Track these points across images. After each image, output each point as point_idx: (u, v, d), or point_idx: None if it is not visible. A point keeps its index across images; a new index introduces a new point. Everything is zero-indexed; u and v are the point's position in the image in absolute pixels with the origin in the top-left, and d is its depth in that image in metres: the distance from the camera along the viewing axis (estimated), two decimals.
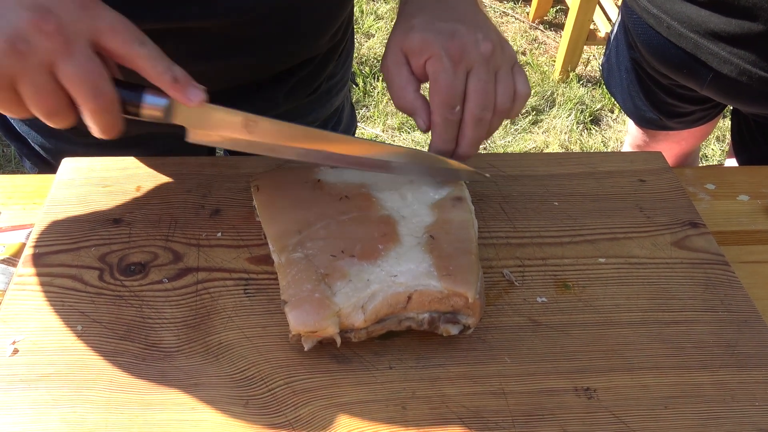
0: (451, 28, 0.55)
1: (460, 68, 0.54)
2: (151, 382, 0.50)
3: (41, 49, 0.43)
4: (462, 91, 0.55)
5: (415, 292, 0.51)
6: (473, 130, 0.56)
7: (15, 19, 0.43)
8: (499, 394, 0.50)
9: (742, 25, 0.91)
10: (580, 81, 2.42)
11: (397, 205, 0.58)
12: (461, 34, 0.55)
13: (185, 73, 0.49)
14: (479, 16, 0.59)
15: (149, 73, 0.48)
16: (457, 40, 0.54)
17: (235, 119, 0.53)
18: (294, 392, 0.50)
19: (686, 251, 0.62)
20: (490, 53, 0.55)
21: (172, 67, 0.48)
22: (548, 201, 0.67)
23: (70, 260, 0.58)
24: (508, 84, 0.57)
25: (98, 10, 0.46)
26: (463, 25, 0.56)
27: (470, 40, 0.55)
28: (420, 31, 0.56)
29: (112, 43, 0.46)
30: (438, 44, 0.54)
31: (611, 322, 0.56)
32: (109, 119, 0.47)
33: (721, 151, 2.19)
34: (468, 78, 0.55)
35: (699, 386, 0.52)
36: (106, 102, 0.46)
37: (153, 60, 0.47)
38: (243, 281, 0.57)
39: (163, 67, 0.48)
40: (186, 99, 0.49)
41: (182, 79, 0.48)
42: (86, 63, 0.45)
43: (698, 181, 0.75)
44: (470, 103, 0.55)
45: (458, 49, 0.54)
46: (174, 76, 0.48)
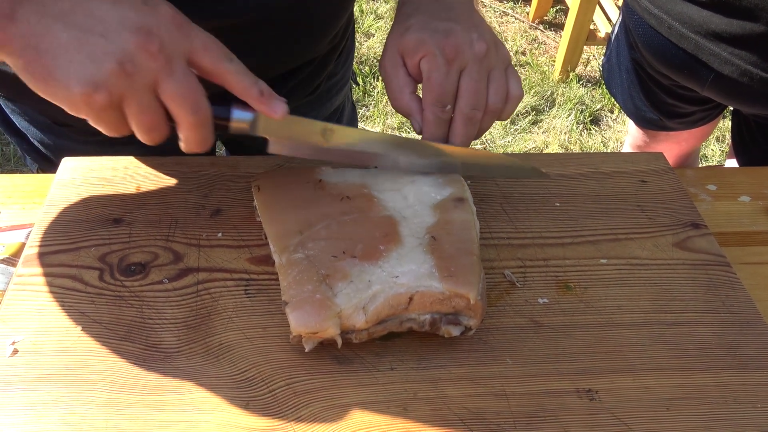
0: (447, 28, 0.56)
1: (454, 67, 0.55)
2: (151, 383, 0.49)
3: (147, 69, 0.46)
4: (454, 90, 0.56)
5: (417, 293, 0.50)
6: (463, 128, 0.57)
7: (121, 41, 0.45)
8: (500, 396, 0.50)
9: (743, 26, 0.91)
10: (580, 81, 2.42)
11: (399, 206, 0.58)
12: (456, 33, 0.55)
13: (269, 88, 0.51)
14: (475, 16, 0.59)
15: (237, 88, 0.50)
16: (452, 39, 0.55)
17: (314, 128, 0.56)
18: (295, 393, 0.49)
19: (688, 252, 0.62)
20: (484, 53, 0.55)
21: (258, 82, 0.50)
22: (549, 201, 0.67)
23: (70, 260, 0.58)
24: (501, 85, 0.57)
25: (192, 30, 0.49)
26: (458, 25, 0.56)
27: (465, 40, 0.55)
28: (416, 31, 0.57)
29: (204, 60, 0.49)
30: (432, 43, 0.55)
31: (613, 323, 0.56)
32: (204, 133, 0.50)
33: (720, 151, 2.19)
34: (461, 77, 0.56)
35: (701, 388, 0.51)
36: (203, 117, 0.49)
37: (240, 75, 0.50)
38: (244, 282, 0.57)
39: (250, 82, 0.50)
40: (272, 112, 0.51)
41: (267, 93, 0.51)
42: (186, 81, 0.47)
43: (699, 181, 0.75)
44: (461, 101, 0.56)
45: (452, 48, 0.55)
46: (260, 90, 0.50)
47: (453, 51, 0.55)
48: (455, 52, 0.55)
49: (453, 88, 0.56)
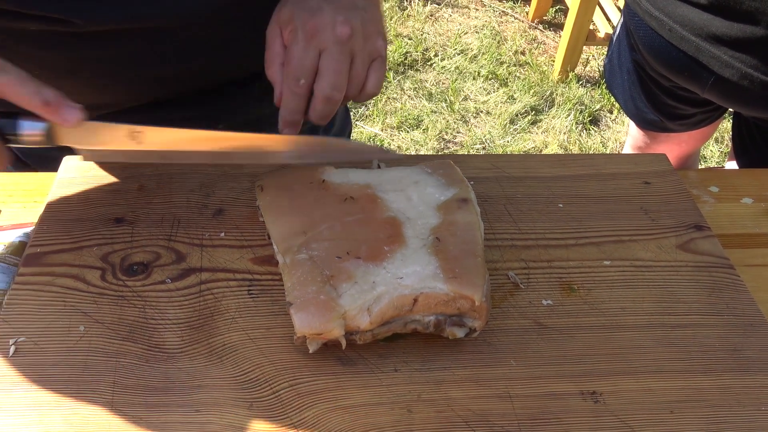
0: (317, 6, 0.56)
1: (312, 44, 0.55)
2: (154, 384, 0.49)
3: None
4: (310, 66, 0.55)
5: (421, 295, 0.50)
6: (322, 107, 0.56)
7: None
8: (504, 398, 0.50)
9: (743, 29, 0.91)
10: (580, 81, 2.42)
11: (403, 207, 0.57)
12: (322, 13, 0.55)
13: (57, 94, 0.48)
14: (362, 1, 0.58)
15: (17, 100, 0.47)
16: (316, 18, 0.55)
17: (119, 132, 0.53)
18: (299, 394, 0.49)
19: (691, 254, 0.62)
20: (345, 37, 0.55)
21: (41, 89, 0.47)
22: (553, 203, 0.67)
23: (72, 260, 0.57)
24: (360, 74, 0.57)
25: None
26: (330, 5, 0.56)
27: (328, 21, 0.55)
28: (290, 5, 0.57)
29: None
30: (298, 18, 0.55)
31: (617, 325, 0.56)
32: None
33: (719, 152, 2.20)
34: (321, 57, 0.55)
35: (704, 391, 0.51)
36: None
37: (17, 86, 0.46)
38: (247, 282, 0.57)
39: (31, 91, 0.46)
40: (62, 120, 0.48)
41: (54, 100, 0.47)
42: None
43: (702, 183, 0.75)
44: (322, 80, 0.56)
45: (314, 25, 0.55)
46: (44, 100, 0.47)
47: (313, 29, 0.55)
48: (315, 30, 0.55)
49: (310, 64, 0.55)
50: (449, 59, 2.49)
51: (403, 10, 2.72)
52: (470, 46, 2.55)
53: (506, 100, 2.32)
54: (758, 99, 0.97)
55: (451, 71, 2.43)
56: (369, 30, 0.57)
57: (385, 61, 0.59)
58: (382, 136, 2.16)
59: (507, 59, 2.50)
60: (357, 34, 0.56)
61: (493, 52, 2.51)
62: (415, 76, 2.40)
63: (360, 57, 0.56)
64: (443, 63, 2.46)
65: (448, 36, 2.61)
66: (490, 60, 2.48)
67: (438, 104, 2.28)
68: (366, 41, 0.57)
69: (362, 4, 0.58)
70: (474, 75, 2.42)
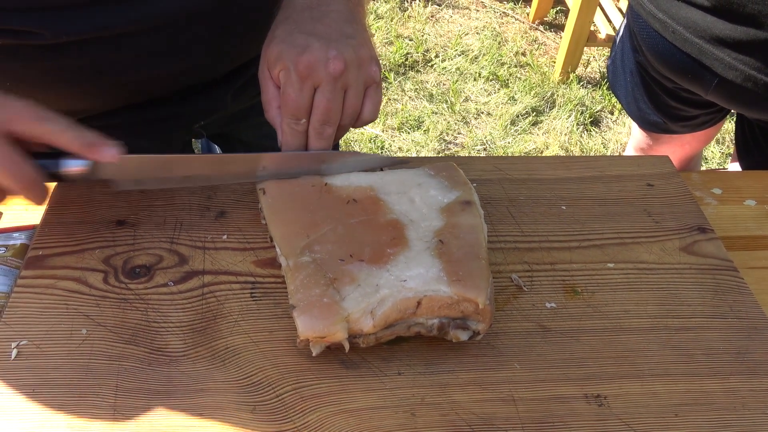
0: (305, 43, 0.55)
1: (307, 84, 0.55)
2: (157, 388, 0.49)
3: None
4: (306, 105, 0.56)
5: (425, 298, 0.50)
6: (316, 142, 0.58)
7: None
8: (509, 401, 0.50)
9: (747, 31, 0.91)
10: (581, 82, 2.42)
11: (405, 209, 0.57)
12: (312, 50, 0.55)
13: (96, 135, 0.53)
14: (349, 27, 0.58)
15: (64, 145, 0.52)
16: (307, 56, 0.55)
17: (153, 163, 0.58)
18: (302, 398, 0.49)
19: (695, 257, 0.62)
20: (339, 72, 0.55)
21: (83, 133, 0.52)
22: (556, 205, 0.66)
23: (74, 262, 0.57)
24: (354, 105, 0.57)
25: (2, 102, 0.51)
26: (318, 41, 0.55)
27: (320, 57, 0.54)
28: (277, 43, 0.57)
29: (20, 128, 0.51)
30: (288, 58, 0.55)
31: (621, 328, 0.55)
32: (34, 193, 0.53)
33: (721, 153, 2.19)
34: (315, 93, 0.56)
35: (709, 394, 0.51)
36: (25, 182, 0.52)
37: (63, 133, 0.52)
38: (249, 285, 0.57)
39: (75, 136, 0.52)
40: (103, 158, 0.52)
41: (94, 141, 0.52)
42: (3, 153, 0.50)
43: (705, 185, 0.74)
44: (313, 117, 0.57)
45: (305, 65, 0.54)
46: (86, 142, 0.52)
47: (306, 69, 0.54)
48: (308, 69, 0.54)
49: (306, 104, 0.56)
50: (450, 60, 2.48)
51: (403, 11, 2.72)
52: (471, 47, 2.55)
53: (507, 101, 2.32)
54: (761, 101, 0.97)
55: (451, 72, 2.43)
56: (363, 58, 0.56)
57: (380, 86, 0.59)
58: (383, 137, 2.15)
59: (508, 60, 2.50)
60: (351, 65, 0.55)
61: (494, 53, 2.51)
62: (416, 77, 2.40)
63: (354, 88, 0.57)
64: (444, 64, 2.46)
65: (449, 37, 2.61)
66: (490, 61, 2.48)
67: (439, 105, 2.28)
68: (360, 70, 0.56)
69: (350, 31, 0.58)
70: (475, 76, 2.42)
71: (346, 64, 0.55)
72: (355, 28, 0.58)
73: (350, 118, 0.58)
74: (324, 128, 0.57)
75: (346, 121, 0.58)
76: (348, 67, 0.55)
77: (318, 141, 0.58)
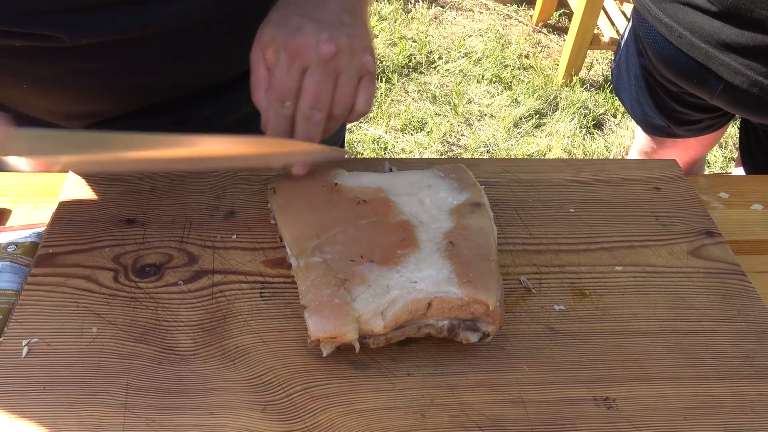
0: (298, 25, 0.54)
1: (294, 65, 0.53)
2: (167, 386, 0.49)
3: None
4: (293, 87, 0.54)
5: (435, 299, 0.50)
6: (303, 126, 0.55)
7: None
8: (518, 403, 0.50)
9: (754, 37, 0.91)
10: (584, 85, 2.42)
11: (415, 210, 0.57)
12: (304, 31, 0.54)
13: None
14: (347, 16, 0.56)
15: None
16: (298, 38, 0.53)
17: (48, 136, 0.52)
18: (312, 398, 0.49)
19: (702, 260, 0.62)
20: (329, 56, 0.53)
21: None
22: (564, 207, 0.66)
23: (84, 261, 0.57)
24: (346, 92, 0.55)
25: None
26: (312, 23, 0.54)
27: (311, 40, 0.53)
28: (272, 25, 0.55)
29: None
30: (280, 39, 0.54)
31: (629, 331, 0.56)
32: None
33: (723, 157, 2.20)
34: (304, 76, 0.54)
35: (718, 397, 0.51)
36: None
37: None
38: (259, 284, 0.57)
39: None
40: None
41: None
42: None
43: (711, 189, 0.75)
44: (301, 100, 0.54)
45: (295, 45, 0.53)
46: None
47: (295, 49, 0.53)
48: (297, 50, 0.53)
49: (293, 86, 0.54)
50: (453, 62, 2.49)
51: (407, 13, 2.72)
52: (474, 49, 2.55)
53: (510, 104, 2.32)
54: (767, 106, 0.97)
55: (455, 74, 2.43)
56: (356, 46, 0.55)
57: (375, 78, 0.57)
58: (386, 138, 2.16)
59: (511, 63, 2.51)
60: (343, 51, 0.54)
61: (498, 56, 2.51)
62: (419, 79, 2.40)
63: (346, 75, 0.55)
64: (447, 66, 2.47)
65: (453, 39, 2.61)
66: (494, 63, 2.48)
67: (442, 107, 2.28)
68: (352, 58, 0.55)
69: (348, 20, 0.56)
70: (478, 78, 2.42)
71: (339, 48, 0.53)
72: (353, 19, 0.57)
73: (342, 108, 0.56)
74: (313, 113, 0.54)
75: (338, 110, 0.56)
76: (340, 52, 0.53)
77: (305, 126, 0.55)
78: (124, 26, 0.59)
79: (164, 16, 0.60)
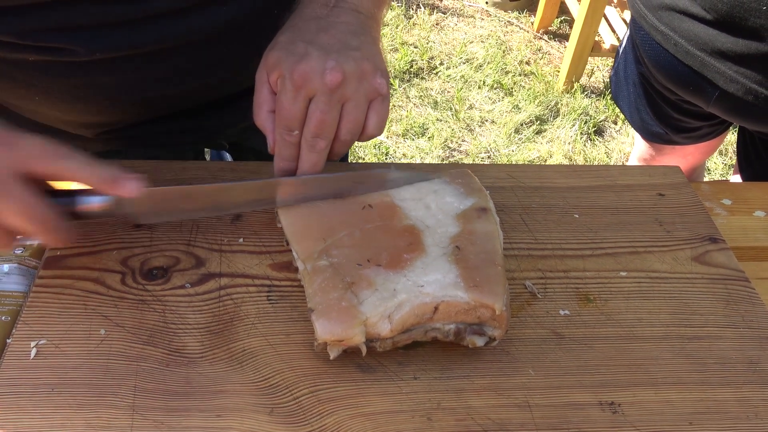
0: (303, 51, 0.54)
1: (301, 94, 0.53)
2: (175, 388, 0.49)
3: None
4: (300, 116, 0.54)
5: (442, 303, 0.51)
6: (307, 154, 0.56)
7: None
8: (524, 407, 0.50)
9: (749, 45, 0.92)
10: (585, 92, 2.43)
11: (421, 215, 0.58)
12: (310, 59, 0.53)
13: (118, 169, 0.51)
14: (355, 39, 0.56)
15: (83, 181, 0.51)
16: (303, 66, 0.53)
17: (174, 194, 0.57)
18: (319, 401, 0.49)
19: (706, 266, 0.62)
20: (335, 84, 0.52)
21: (102, 167, 0.51)
22: (568, 213, 0.67)
23: (92, 263, 0.58)
24: (354, 119, 0.55)
25: (18, 142, 0.49)
26: (318, 50, 0.54)
27: (317, 68, 0.53)
28: (278, 49, 0.55)
29: (39, 168, 0.49)
30: (285, 66, 0.54)
31: (634, 336, 0.56)
32: (53, 235, 0.51)
33: (723, 164, 2.20)
34: (310, 104, 0.54)
35: (723, 403, 0.52)
36: (42, 223, 0.50)
37: (82, 170, 0.50)
38: (266, 288, 0.57)
39: (94, 171, 0.50)
40: (127, 192, 0.51)
41: (115, 175, 0.51)
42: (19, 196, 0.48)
43: (714, 196, 0.75)
44: (306, 128, 0.55)
45: (300, 74, 0.53)
46: (107, 176, 0.51)
47: (301, 78, 0.53)
48: (303, 79, 0.53)
49: (299, 114, 0.54)
50: (455, 68, 2.50)
51: (409, 19, 2.73)
52: (476, 55, 2.56)
53: (511, 110, 2.33)
54: (762, 114, 0.98)
55: (456, 80, 2.44)
56: (364, 70, 0.54)
57: (387, 99, 0.56)
58: (387, 144, 2.16)
59: (512, 69, 2.52)
60: (350, 78, 0.53)
61: (499, 62, 2.52)
62: (421, 84, 2.41)
63: (354, 101, 0.54)
64: (449, 72, 2.48)
65: (454, 45, 2.62)
66: (495, 69, 2.49)
67: (443, 112, 2.29)
68: (361, 83, 0.54)
69: (355, 43, 0.55)
70: (479, 84, 2.43)
71: (345, 75, 0.53)
72: (361, 41, 0.56)
73: (350, 132, 0.55)
74: (316, 141, 0.54)
75: (345, 135, 0.55)
76: (347, 79, 0.53)
77: (309, 154, 0.55)
78: (139, 41, 0.59)
79: (178, 32, 0.60)
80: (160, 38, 0.60)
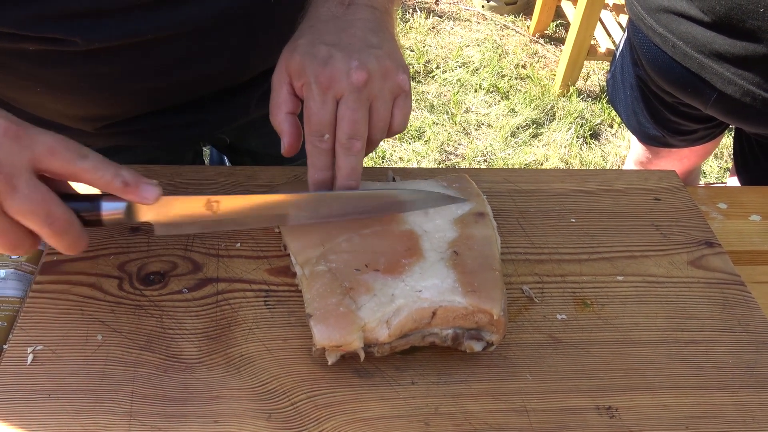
0: (327, 54, 0.53)
1: (329, 96, 0.53)
2: (173, 394, 0.49)
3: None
4: (330, 120, 0.53)
5: (440, 308, 0.51)
6: (345, 159, 0.54)
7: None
8: (521, 412, 0.50)
9: (746, 46, 0.92)
10: (580, 95, 2.44)
11: (419, 220, 0.58)
12: (334, 61, 0.53)
13: (134, 174, 0.49)
14: (375, 37, 0.56)
15: (98, 184, 0.48)
16: (329, 68, 0.52)
17: (195, 203, 0.53)
18: (317, 406, 0.49)
19: (703, 271, 0.63)
20: (362, 83, 0.52)
21: (120, 171, 0.48)
22: (565, 217, 0.67)
23: (89, 268, 0.57)
24: (382, 117, 0.55)
25: (32, 137, 0.46)
26: (340, 52, 0.53)
27: (342, 69, 0.52)
28: (300, 53, 0.54)
29: (53, 165, 0.46)
30: (310, 71, 0.53)
31: (631, 340, 0.56)
32: (68, 238, 0.48)
33: (719, 167, 2.21)
34: (339, 106, 0.53)
35: (719, 407, 0.52)
36: (60, 225, 0.47)
37: (98, 171, 0.48)
38: (263, 293, 0.57)
39: (111, 175, 0.48)
40: (142, 199, 0.49)
41: (132, 180, 0.49)
42: (31, 194, 0.45)
43: (710, 200, 0.75)
44: (339, 131, 0.54)
45: (327, 77, 0.52)
46: (123, 181, 0.48)
47: (327, 81, 0.52)
48: (329, 81, 0.52)
49: (329, 117, 0.53)
50: (451, 71, 2.50)
51: (405, 22, 2.74)
52: (472, 58, 2.57)
53: (507, 113, 2.34)
54: (760, 116, 0.99)
55: (452, 83, 2.45)
56: (387, 67, 0.54)
57: (410, 95, 0.57)
58: (383, 147, 2.16)
59: (508, 72, 2.52)
60: (375, 76, 0.53)
61: (495, 65, 2.53)
62: (417, 88, 2.42)
63: (381, 99, 0.54)
64: (445, 75, 2.48)
65: (450, 48, 2.63)
66: (491, 73, 2.50)
67: (440, 116, 2.30)
68: (385, 80, 0.54)
69: (375, 41, 0.55)
70: (475, 87, 2.44)
71: (370, 74, 0.53)
72: (381, 38, 0.56)
73: (380, 131, 0.55)
74: (352, 142, 0.53)
75: (376, 134, 0.55)
76: (372, 78, 0.53)
77: (346, 158, 0.54)
78: (138, 30, 0.59)
79: (177, 21, 0.60)
80: (158, 27, 0.60)
